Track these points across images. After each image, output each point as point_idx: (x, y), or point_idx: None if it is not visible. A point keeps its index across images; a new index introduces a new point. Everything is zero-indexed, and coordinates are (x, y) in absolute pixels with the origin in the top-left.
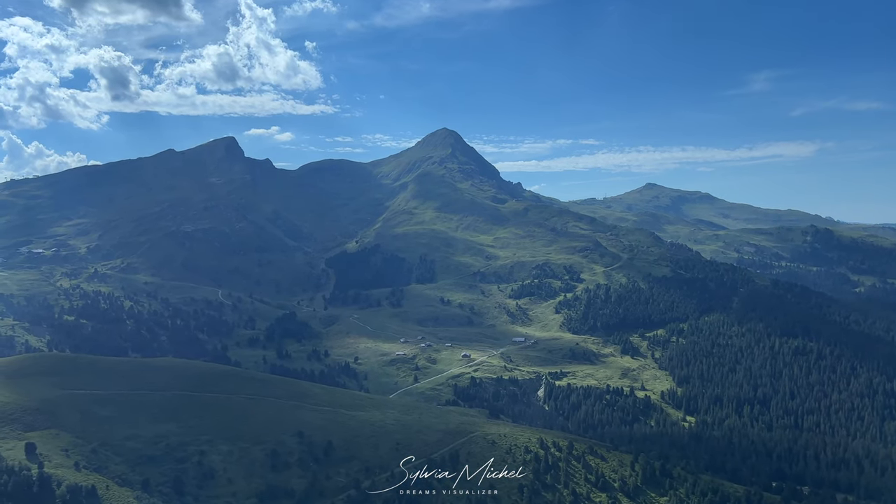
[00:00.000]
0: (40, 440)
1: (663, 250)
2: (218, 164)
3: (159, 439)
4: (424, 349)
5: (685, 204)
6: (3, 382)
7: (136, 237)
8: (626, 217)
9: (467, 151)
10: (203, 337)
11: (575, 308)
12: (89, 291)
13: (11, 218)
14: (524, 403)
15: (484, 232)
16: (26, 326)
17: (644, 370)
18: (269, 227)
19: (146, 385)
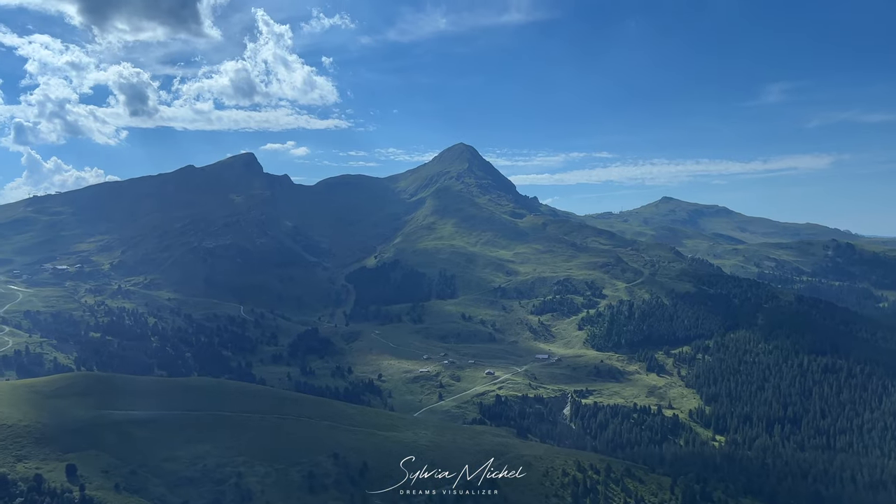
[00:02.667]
0: (80, 461)
1: (685, 265)
2: (238, 180)
3: (197, 460)
4: (448, 366)
5: (702, 217)
6: (41, 403)
7: (159, 253)
8: (644, 231)
9: (484, 166)
10: (227, 354)
11: (598, 324)
12: (114, 308)
13: (35, 234)
14: (550, 422)
15: (503, 247)
16: (54, 343)
17: (671, 388)
18: (288, 243)
19: (181, 405)
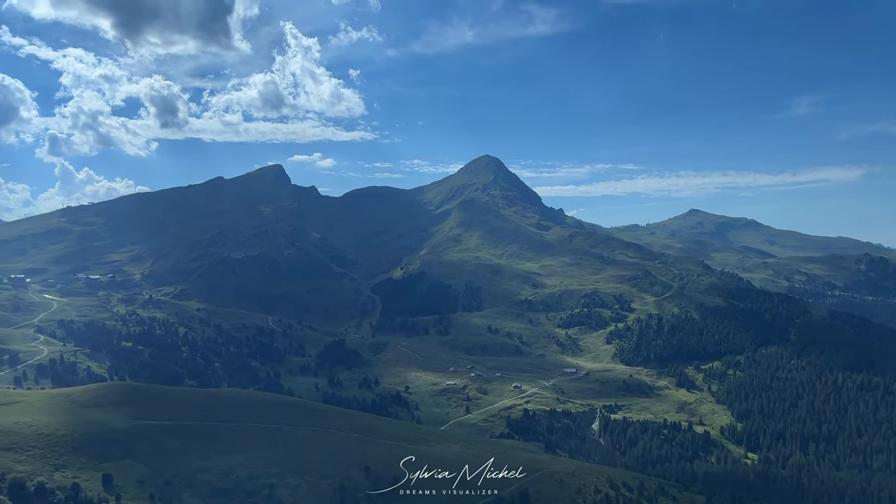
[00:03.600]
0: (116, 471)
1: (714, 279)
2: (266, 192)
3: (229, 471)
4: (474, 379)
5: (730, 230)
6: (77, 412)
7: (189, 263)
8: (672, 244)
9: (509, 177)
10: (255, 364)
11: (627, 339)
12: (145, 318)
13: (68, 244)
14: (579, 437)
15: (529, 259)
16: (87, 352)
17: (701, 404)
18: (316, 254)
19: (213, 416)
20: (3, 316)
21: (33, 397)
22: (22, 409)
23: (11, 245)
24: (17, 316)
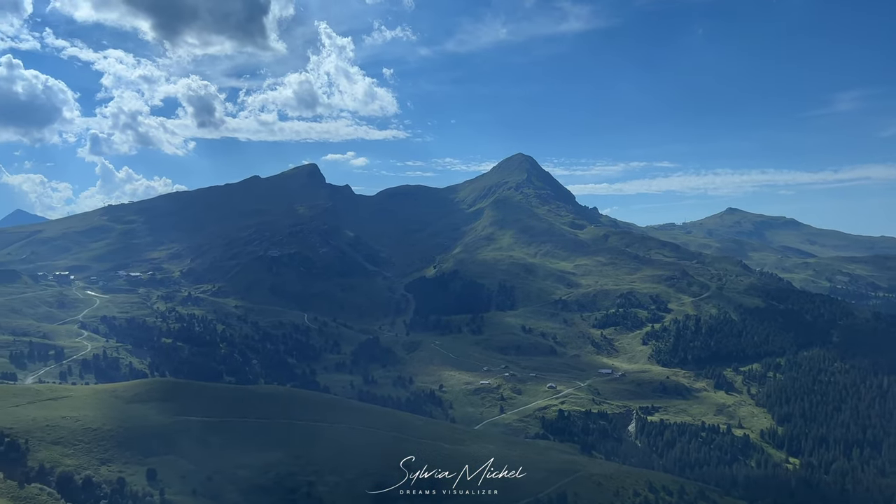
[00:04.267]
0: (160, 466)
1: (753, 279)
2: (301, 190)
3: (269, 468)
4: (508, 379)
5: (769, 230)
6: (122, 408)
7: (226, 261)
8: (709, 243)
9: (542, 176)
10: (292, 361)
11: (664, 339)
12: (184, 314)
13: (110, 242)
14: (615, 439)
15: (564, 259)
16: (129, 348)
17: (740, 407)
18: (350, 253)
19: (253, 412)
20: (49, 312)
21: (79, 393)
22: (69, 404)
23: (56, 243)
24: (61, 312)
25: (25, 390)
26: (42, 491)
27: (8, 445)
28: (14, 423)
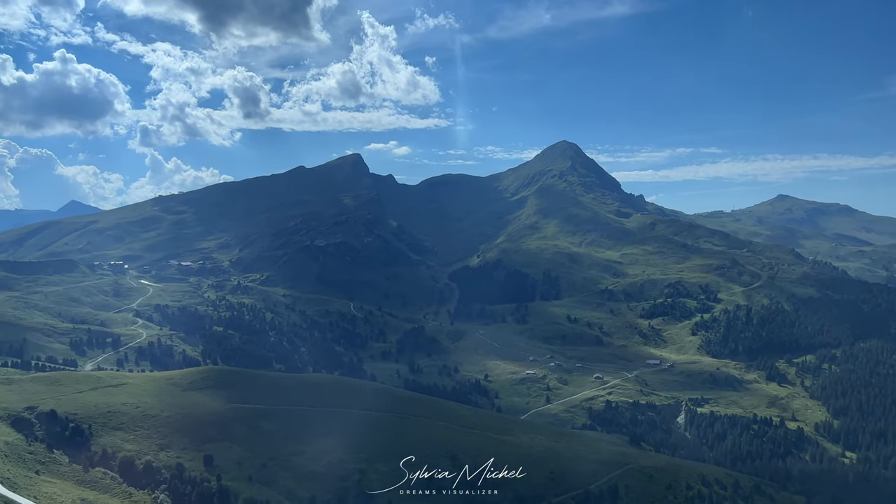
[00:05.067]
0: (216, 452)
1: (806, 268)
2: (346, 180)
3: (321, 455)
4: (554, 369)
5: (821, 217)
6: (179, 395)
7: (273, 251)
8: (759, 231)
9: (587, 163)
10: (339, 349)
11: (713, 330)
12: (234, 303)
13: (161, 232)
14: (664, 431)
15: (609, 248)
16: (182, 336)
17: (793, 399)
18: (394, 242)
19: (304, 400)
20: (105, 301)
21: (137, 380)
22: (128, 390)
23: (110, 233)
24: (117, 301)
25: (87, 377)
26: (105, 475)
27: (73, 431)
28: (78, 409)
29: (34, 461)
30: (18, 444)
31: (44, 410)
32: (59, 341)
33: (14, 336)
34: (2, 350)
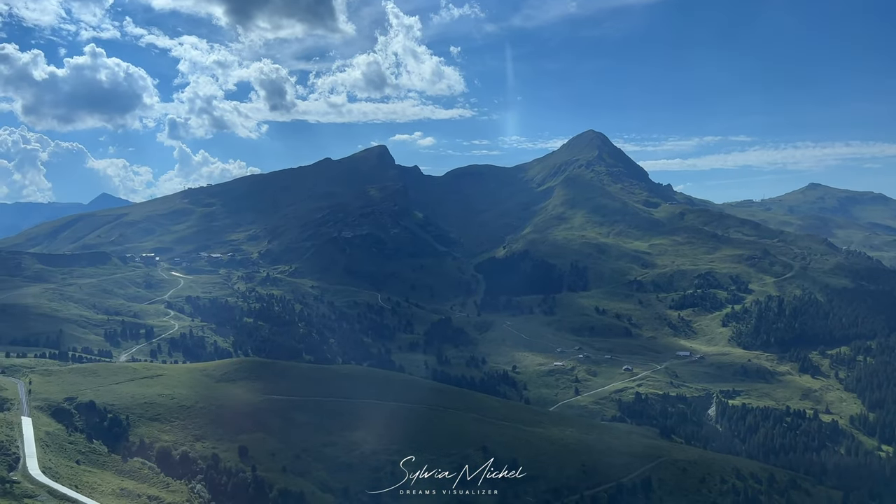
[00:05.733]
0: (250, 443)
1: (839, 259)
2: (372, 172)
3: (353, 447)
4: (583, 361)
5: (855, 206)
6: (213, 387)
7: (301, 242)
8: (790, 220)
9: (614, 153)
10: (368, 340)
11: (745, 321)
12: (263, 294)
13: (191, 224)
14: (695, 423)
15: (637, 238)
16: (213, 328)
17: (827, 391)
18: (420, 233)
19: (336, 392)
20: (137, 292)
21: (172, 371)
22: (163, 381)
23: (141, 225)
24: (149, 292)
25: (123, 368)
26: (143, 465)
27: (111, 421)
28: (115, 400)
29: (75, 451)
30: (59, 435)
31: (83, 401)
32: (94, 332)
33: (51, 327)
34: (39, 341)
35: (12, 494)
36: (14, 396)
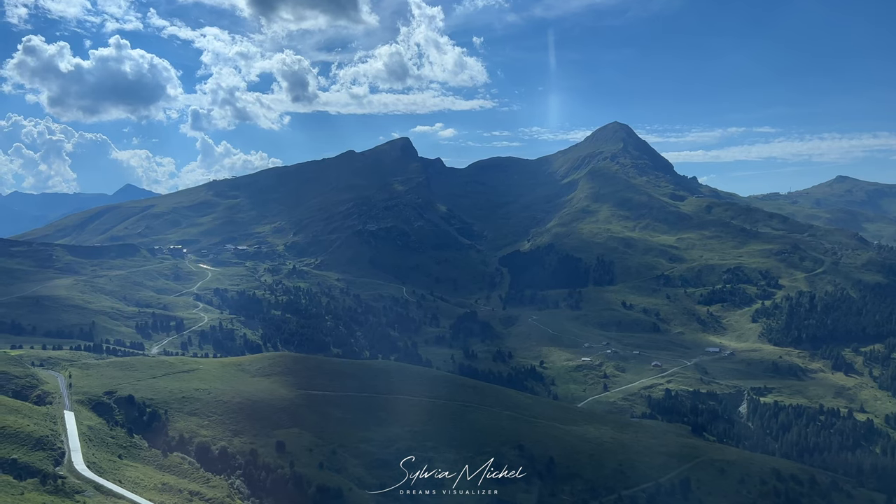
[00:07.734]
0: (287, 439)
1: (872, 254)
2: (395, 164)
3: (389, 443)
4: (611, 356)
5: (884, 198)
6: (248, 381)
7: (326, 235)
8: (818, 214)
9: (639, 145)
10: (394, 334)
11: (775, 317)
12: (290, 287)
13: (216, 216)
14: (726, 421)
15: (664, 232)
16: (242, 320)
17: (861, 389)
18: (443, 226)
19: (369, 387)
20: (166, 285)
21: (208, 365)
22: (199, 376)
23: (167, 217)
24: (177, 284)
25: (160, 363)
26: (183, 460)
27: (150, 416)
28: (153, 395)
29: (116, 445)
30: (101, 429)
31: (122, 395)
32: (125, 325)
33: (84, 319)
34: (73, 333)
35: (63, 491)
36: (55, 390)
